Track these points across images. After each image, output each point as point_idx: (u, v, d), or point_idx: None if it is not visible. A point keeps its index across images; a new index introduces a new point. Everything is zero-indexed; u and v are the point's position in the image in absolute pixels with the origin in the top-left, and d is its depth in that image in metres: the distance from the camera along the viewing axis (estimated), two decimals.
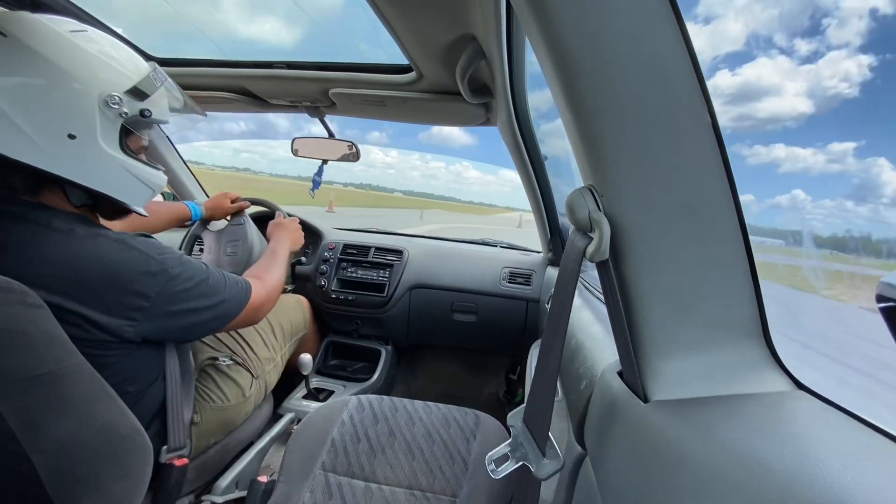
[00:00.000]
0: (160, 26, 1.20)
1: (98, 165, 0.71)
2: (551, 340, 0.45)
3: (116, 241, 0.72)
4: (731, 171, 0.37)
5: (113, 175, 0.73)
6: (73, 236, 0.68)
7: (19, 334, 0.56)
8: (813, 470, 0.27)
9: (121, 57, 0.73)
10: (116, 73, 0.71)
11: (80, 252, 0.68)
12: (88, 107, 0.68)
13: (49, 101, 0.65)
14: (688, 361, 0.40)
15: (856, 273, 0.51)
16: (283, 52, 1.11)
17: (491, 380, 1.93)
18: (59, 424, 0.60)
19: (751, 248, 0.38)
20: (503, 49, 0.74)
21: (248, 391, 1.05)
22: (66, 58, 0.66)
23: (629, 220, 0.38)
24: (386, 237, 1.92)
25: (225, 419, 1.00)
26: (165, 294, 0.74)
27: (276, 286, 1.02)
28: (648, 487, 0.36)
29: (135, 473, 0.70)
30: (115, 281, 0.69)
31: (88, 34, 0.70)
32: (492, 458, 0.50)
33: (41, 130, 0.65)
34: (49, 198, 0.70)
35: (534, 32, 0.36)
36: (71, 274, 0.66)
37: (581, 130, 0.37)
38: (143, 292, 0.72)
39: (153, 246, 0.76)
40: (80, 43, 0.68)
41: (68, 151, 0.67)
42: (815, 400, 0.37)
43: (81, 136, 0.68)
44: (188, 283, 0.78)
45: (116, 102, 0.70)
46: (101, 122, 0.70)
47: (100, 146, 0.70)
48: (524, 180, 1.34)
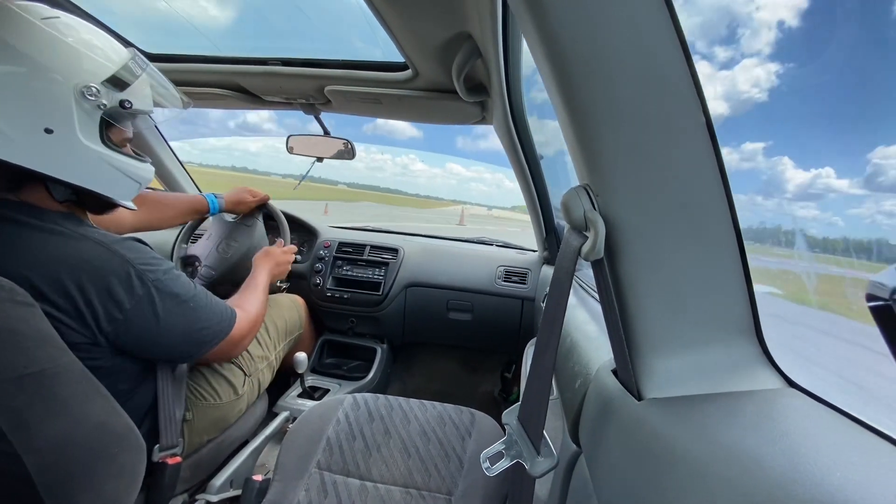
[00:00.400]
0: (152, 21, 1.19)
1: (78, 160, 0.68)
2: (546, 339, 0.46)
3: (100, 244, 0.69)
4: (724, 170, 0.37)
5: (95, 169, 0.70)
6: (55, 236, 0.66)
7: (9, 332, 0.55)
8: (804, 467, 0.27)
9: (97, 44, 0.69)
10: (92, 62, 0.68)
11: (59, 253, 0.66)
12: (64, 99, 0.65)
13: (22, 95, 0.62)
14: (681, 359, 0.41)
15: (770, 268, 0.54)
16: (278, 48, 1.10)
17: (486, 378, 1.93)
18: (52, 423, 0.59)
19: (744, 247, 0.39)
20: (499, 47, 0.74)
21: (240, 389, 1.04)
22: (39, 48, 0.63)
23: (624, 219, 0.38)
24: (382, 235, 1.91)
25: (217, 417, 1.00)
26: (141, 308, 0.71)
27: (258, 319, 1.00)
28: (642, 484, 0.37)
29: (128, 472, 0.70)
30: (92, 287, 0.66)
31: (61, 20, 0.67)
32: (486, 456, 0.50)
33: (15, 125, 0.62)
34: (31, 195, 0.68)
35: (529, 31, 0.36)
36: (50, 275, 0.64)
37: (576, 129, 0.38)
38: (119, 302, 0.68)
39: (141, 254, 0.73)
40: (52, 31, 0.65)
41: (46, 146, 0.65)
42: (806, 397, 0.38)
43: (59, 130, 0.65)
44: (168, 300, 0.74)
45: (93, 94, 0.67)
46: (79, 114, 0.67)
47: (79, 140, 0.67)
48: (520, 179, 1.34)
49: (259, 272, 1.16)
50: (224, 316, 0.85)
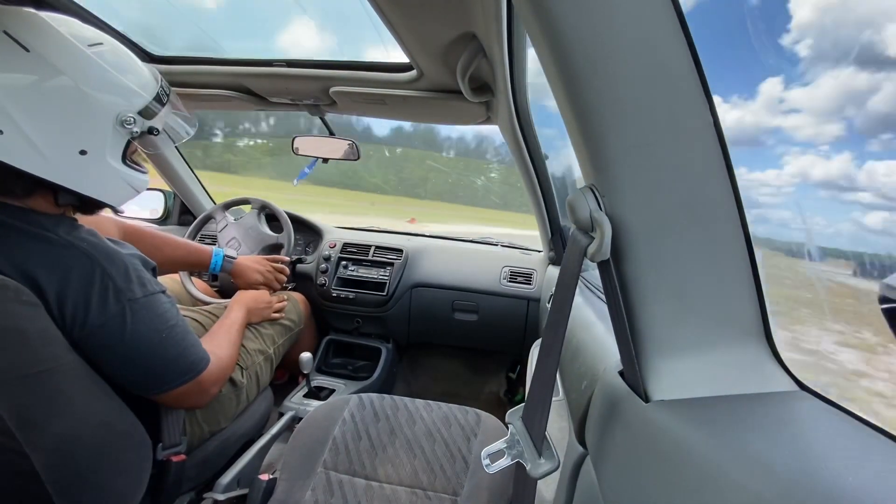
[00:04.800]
0: (160, 24, 1.20)
1: (100, 177, 0.72)
2: (551, 340, 0.45)
3: (86, 255, 0.69)
4: (733, 170, 0.36)
5: (110, 184, 0.74)
6: (46, 242, 0.67)
7: (15, 332, 0.56)
8: (815, 471, 0.27)
9: (135, 73, 0.73)
10: (132, 93, 0.72)
11: (47, 260, 0.66)
12: (103, 126, 0.69)
13: (65, 118, 0.65)
14: (689, 361, 0.40)
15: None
16: (284, 50, 1.11)
17: (492, 379, 1.93)
18: (58, 421, 0.60)
19: (752, 247, 0.38)
20: (504, 47, 0.74)
21: (237, 381, 1.03)
22: (85, 76, 0.66)
23: (630, 220, 0.38)
24: (386, 236, 1.91)
25: (217, 409, 0.99)
26: (110, 325, 0.69)
27: (230, 366, 0.94)
28: (649, 487, 0.36)
29: (134, 469, 0.70)
30: (71, 295, 0.66)
31: (104, 48, 0.70)
32: (488, 453, 0.50)
33: (53, 145, 0.65)
34: (38, 202, 0.69)
35: (534, 31, 0.36)
36: (37, 279, 0.64)
37: (582, 129, 0.37)
38: (89, 313, 0.67)
39: (127, 271, 0.72)
40: (99, 60, 0.68)
41: (76, 165, 0.68)
42: (817, 400, 0.37)
43: (92, 153, 0.68)
44: (141, 324, 0.72)
45: (130, 122, 0.71)
46: (112, 138, 0.71)
47: (107, 161, 0.71)
48: (525, 179, 1.34)
49: (238, 313, 1.10)
50: (196, 358, 0.82)
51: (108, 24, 1.05)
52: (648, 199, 0.37)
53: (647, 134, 0.35)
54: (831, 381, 0.53)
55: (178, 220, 1.91)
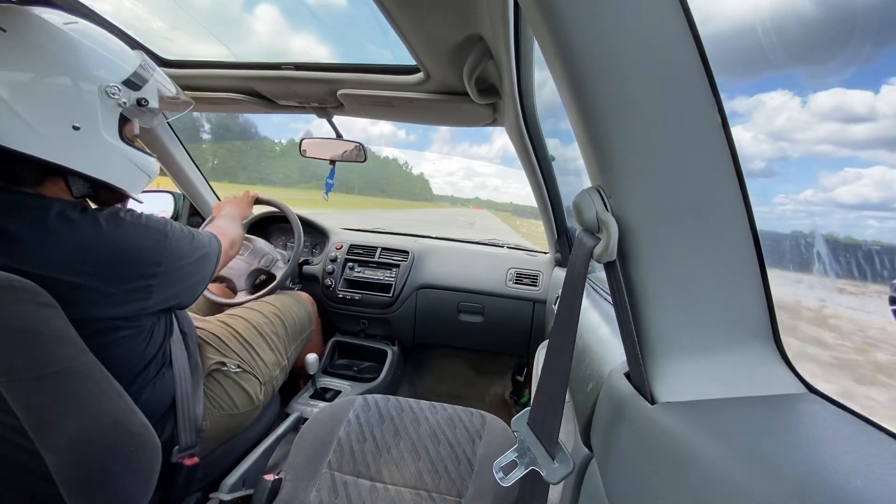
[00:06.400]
0: (169, 27, 1.21)
1: (101, 155, 0.73)
2: (560, 342, 0.45)
3: (115, 219, 0.73)
4: (741, 171, 0.36)
5: (114, 163, 0.75)
6: (77, 224, 0.69)
7: (31, 333, 0.57)
8: (824, 474, 0.27)
9: (114, 47, 0.75)
10: (113, 64, 0.73)
11: (89, 237, 0.69)
12: (90, 98, 0.70)
13: (53, 95, 0.67)
14: (696, 363, 0.40)
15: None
16: (292, 53, 1.12)
17: (497, 381, 1.92)
18: (71, 421, 0.61)
19: (761, 248, 0.38)
20: (511, 49, 0.74)
21: (256, 399, 1.06)
22: (66, 51, 0.68)
23: (637, 221, 0.38)
24: (392, 237, 1.92)
25: (233, 425, 1.01)
26: (171, 255, 0.78)
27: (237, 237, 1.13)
28: (655, 490, 0.36)
29: (144, 470, 0.71)
30: (126, 258, 0.72)
31: (80, 26, 0.71)
32: (499, 466, 0.49)
33: (47, 123, 0.66)
34: (51, 189, 0.71)
35: (541, 32, 0.36)
36: (88, 256, 0.68)
37: (589, 131, 0.37)
38: (155, 260, 0.75)
39: (146, 217, 0.78)
40: (76, 35, 0.69)
41: (73, 142, 0.69)
42: (826, 403, 0.37)
43: (85, 127, 0.70)
44: (182, 241, 0.82)
45: (115, 93, 0.72)
46: (102, 112, 0.72)
47: (102, 136, 0.72)
48: (531, 180, 1.34)
49: (223, 215, 1.24)
50: (212, 236, 0.95)
51: (97, 12, 1.05)
52: (655, 199, 0.37)
53: (653, 134, 0.35)
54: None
55: (186, 222, 1.93)
